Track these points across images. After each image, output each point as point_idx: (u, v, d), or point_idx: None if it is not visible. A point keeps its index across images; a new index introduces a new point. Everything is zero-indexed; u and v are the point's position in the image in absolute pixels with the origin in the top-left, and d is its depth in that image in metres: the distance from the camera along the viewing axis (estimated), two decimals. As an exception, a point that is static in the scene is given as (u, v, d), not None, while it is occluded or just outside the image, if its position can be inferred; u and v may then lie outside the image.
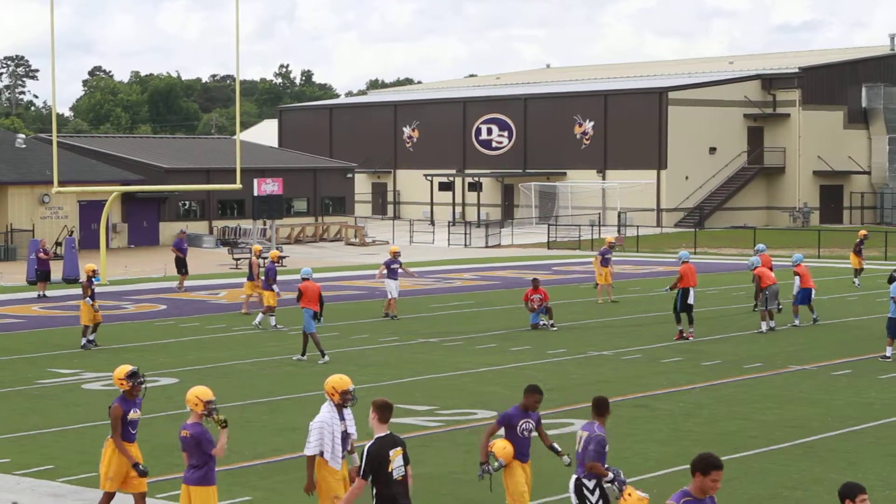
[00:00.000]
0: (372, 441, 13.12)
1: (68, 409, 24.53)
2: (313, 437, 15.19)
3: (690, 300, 34.10)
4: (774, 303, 35.88)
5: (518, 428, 15.82)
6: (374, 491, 13.09)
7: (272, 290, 36.86)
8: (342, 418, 15.35)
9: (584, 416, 23.35)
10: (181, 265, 48.27)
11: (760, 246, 40.91)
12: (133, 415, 16.01)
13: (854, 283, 49.68)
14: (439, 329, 36.46)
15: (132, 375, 15.95)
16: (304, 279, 31.30)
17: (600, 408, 15.12)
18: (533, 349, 32.17)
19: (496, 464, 15.71)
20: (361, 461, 13.04)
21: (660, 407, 24.45)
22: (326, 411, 15.28)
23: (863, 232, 52.30)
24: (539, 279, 37.85)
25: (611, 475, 14.76)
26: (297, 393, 26.02)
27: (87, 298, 32.97)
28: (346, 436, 15.38)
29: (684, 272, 34.24)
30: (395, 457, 13.10)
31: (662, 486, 18.32)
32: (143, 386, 16.16)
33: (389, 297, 39.54)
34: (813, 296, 37.45)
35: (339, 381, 15.36)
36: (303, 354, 30.78)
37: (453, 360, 30.36)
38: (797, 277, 37.01)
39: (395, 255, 40.20)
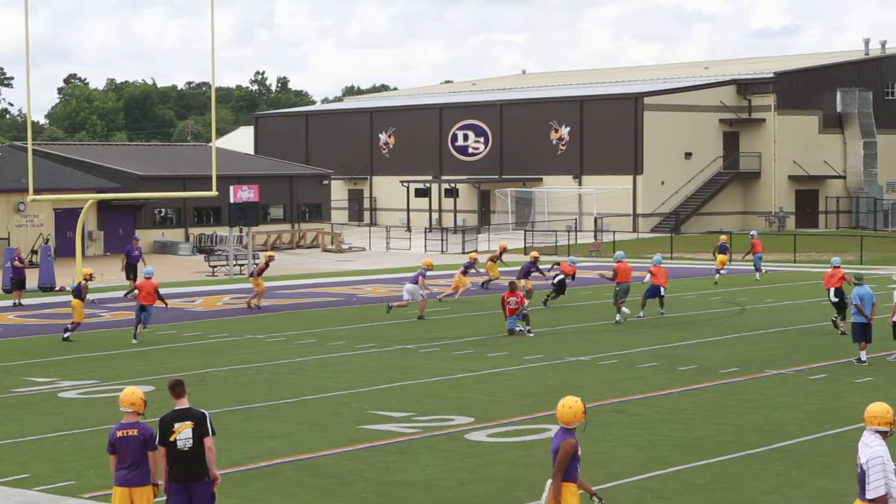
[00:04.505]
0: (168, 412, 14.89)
1: (44, 417, 24.44)
2: (878, 475, 12.95)
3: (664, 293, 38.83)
4: (623, 298, 39.43)
5: None
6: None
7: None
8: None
9: (561, 421, 23.38)
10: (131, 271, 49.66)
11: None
12: None
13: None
14: (416, 335, 36.46)
15: None
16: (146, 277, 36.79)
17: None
18: (510, 355, 32.19)
19: None
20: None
21: (637, 412, 24.47)
22: (880, 444, 13.13)
23: (724, 237, 56.56)
24: (517, 283, 37.97)
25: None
26: (274, 400, 25.98)
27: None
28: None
29: (618, 269, 39.87)
30: (182, 429, 14.71)
31: (639, 492, 18.36)
32: None
33: (407, 299, 41.34)
34: (662, 293, 40.67)
35: (882, 409, 13.34)
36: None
37: (430, 367, 30.35)
38: (649, 275, 40.88)
39: (430, 266, 43.13)
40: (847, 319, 33.74)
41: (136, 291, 36.85)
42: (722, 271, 54.25)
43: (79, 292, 36.56)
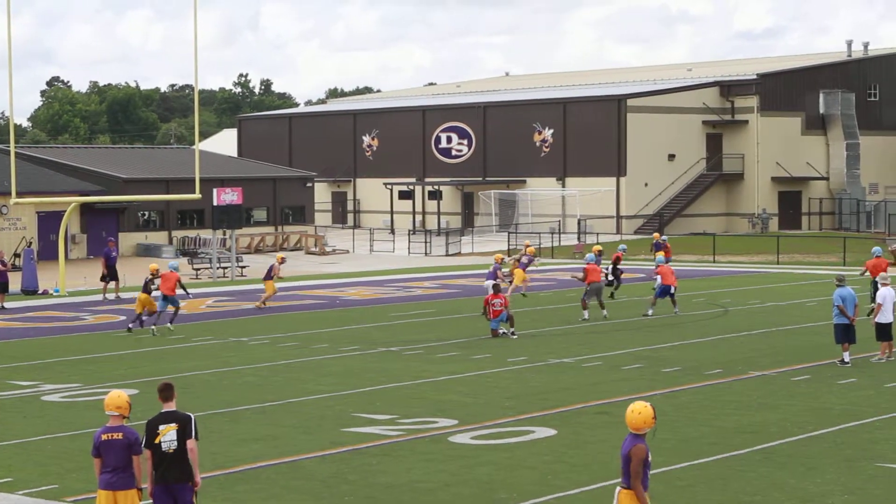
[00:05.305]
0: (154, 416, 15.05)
1: (27, 421, 24.39)
2: None
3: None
4: (592, 297, 40.71)
5: None
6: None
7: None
8: None
9: (545, 423, 23.40)
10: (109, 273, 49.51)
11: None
12: None
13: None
14: (400, 338, 36.45)
15: None
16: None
17: None
18: (493, 357, 32.19)
19: None
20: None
21: (621, 414, 24.26)
22: None
23: (656, 234, 60.20)
24: (500, 285, 38.01)
25: None
26: (258, 403, 25.96)
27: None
28: None
29: (589, 269, 41.19)
30: (166, 431, 14.83)
31: (623, 493, 18.36)
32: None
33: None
34: (672, 290, 41.24)
35: None
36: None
37: (414, 369, 30.35)
38: (658, 276, 41.54)
39: (501, 261, 45.44)
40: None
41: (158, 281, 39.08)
42: None
43: (146, 286, 39.02)
